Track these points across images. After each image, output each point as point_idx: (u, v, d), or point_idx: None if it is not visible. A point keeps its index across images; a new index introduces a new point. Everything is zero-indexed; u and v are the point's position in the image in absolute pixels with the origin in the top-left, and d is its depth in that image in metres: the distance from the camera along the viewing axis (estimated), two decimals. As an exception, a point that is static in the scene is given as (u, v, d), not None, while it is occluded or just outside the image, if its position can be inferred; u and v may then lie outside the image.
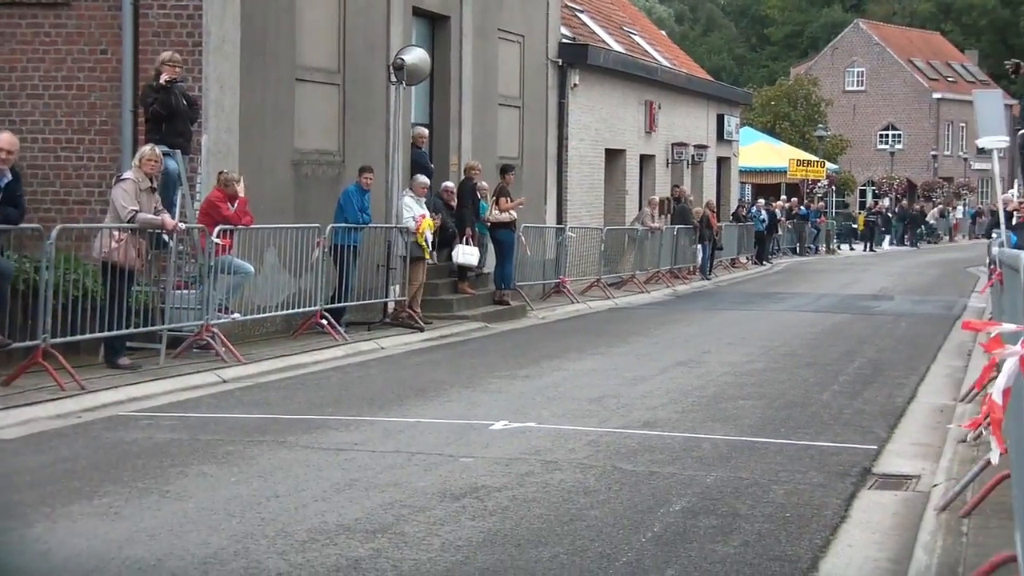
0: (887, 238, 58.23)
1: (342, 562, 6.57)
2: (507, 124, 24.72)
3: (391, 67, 19.00)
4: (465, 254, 20.63)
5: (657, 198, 30.98)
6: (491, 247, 22.06)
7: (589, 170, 28.63)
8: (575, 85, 27.43)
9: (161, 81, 14.49)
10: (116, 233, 13.14)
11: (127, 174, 13.63)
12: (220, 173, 15.29)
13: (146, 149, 13.71)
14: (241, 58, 16.39)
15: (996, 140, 11.72)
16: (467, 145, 22.76)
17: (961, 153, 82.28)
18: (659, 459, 9.52)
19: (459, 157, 22.34)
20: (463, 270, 20.94)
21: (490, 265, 22.03)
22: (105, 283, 12.96)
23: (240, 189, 15.18)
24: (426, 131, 21.22)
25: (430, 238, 18.98)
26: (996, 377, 5.42)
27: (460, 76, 22.65)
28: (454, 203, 20.78)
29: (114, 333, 13.10)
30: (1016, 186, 14.64)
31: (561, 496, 8.21)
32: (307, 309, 16.80)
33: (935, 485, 8.80)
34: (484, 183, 21.90)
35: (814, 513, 7.93)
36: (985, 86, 71.33)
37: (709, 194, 37.30)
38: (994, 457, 5.64)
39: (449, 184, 21.14)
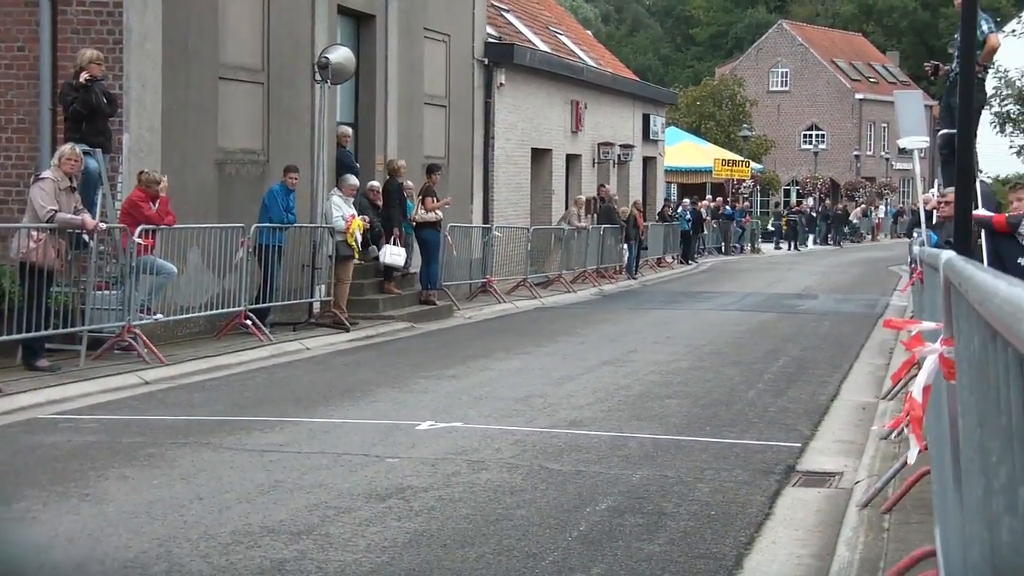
0: (811, 237, 58.93)
1: (266, 564, 6.52)
2: (433, 123, 24.68)
3: (316, 66, 18.90)
4: (392, 254, 20.58)
5: (583, 198, 31.09)
6: (417, 247, 22.01)
7: (515, 169, 28.67)
8: (501, 84, 27.44)
9: (81, 79, 14.31)
10: (35, 233, 12.96)
11: (46, 173, 13.46)
12: (141, 173, 15.11)
13: (66, 148, 13.55)
14: (163, 56, 16.22)
15: (917, 140, 11.90)
16: (393, 144, 22.69)
17: (883, 153, 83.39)
18: (585, 458, 9.55)
19: (384, 156, 22.27)
20: (389, 270, 20.87)
21: (416, 265, 21.97)
22: (23, 284, 12.77)
23: (162, 188, 15.03)
24: (350, 130, 21.13)
25: (360, 238, 18.91)
26: (916, 375, 5.49)
27: (386, 75, 22.58)
28: (380, 203, 20.71)
29: (33, 335, 12.91)
30: (936, 185, 14.86)
31: (487, 496, 8.21)
32: (231, 309, 16.66)
33: (857, 482, 8.91)
34: (410, 182, 21.85)
35: (739, 511, 7.98)
36: (906, 87, 72.33)
37: (635, 194, 37.50)
38: (911, 456, 5.72)
39: (375, 183, 21.06)
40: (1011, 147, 22.84)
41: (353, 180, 19.24)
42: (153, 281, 14.80)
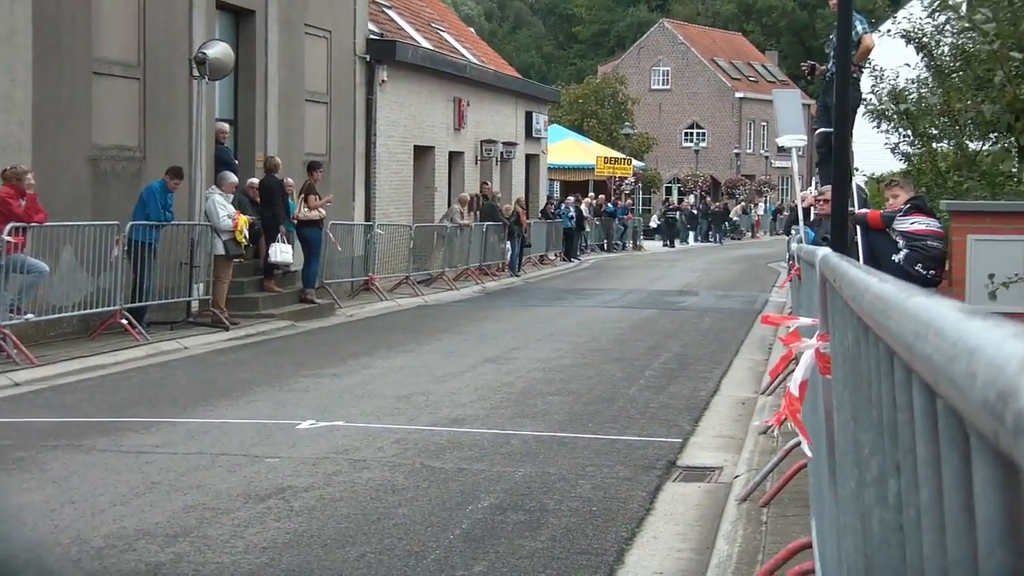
0: (692, 234, 59.70)
1: (141, 567, 6.40)
2: (314, 120, 24.48)
3: (193, 61, 18.62)
4: (281, 252, 20.40)
5: (467, 195, 31.09)
6: (298, 245, 21.82)
7: (398, 167, 28.57)
8: (383, 81, 27.32)
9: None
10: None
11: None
12: (5, 169, 14.73)
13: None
14: (33, 50, 15.85)
15: (795, 139, 12.07)
16: (273, 141, 22.46)
17: (762, 151, 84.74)
18: (468, 456, 9.55)
19: (264, 153, 22.03)
20: (270, 268, 20.66)
21: (297, 263, 21.77)
22: None
23: (27, 185, 14.62)
24: (228, 127, 20.86)
25: (248, 235, 18.72)
26: (794, 370, 5.58)
27: (266, 71, 22.33)
28: (258, 200, 20.50)
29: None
30: (814, 183, 15.13)
31: (369, 495, 8.16)
32: (106, 309, 16.35)
33: (737, 476, 9.03)
34: (291, 180, 21.64)
35: (620, 506, 8.04)
36: (784, 86, 73.50)
37: (518, 191, 37.62)
38: (805, 450, 5.79)
39: (254, 180, 20.83)
40: (885, 145, 23.32)
41: (232, 177, 19.01)
42: (24, 280, 14.45)
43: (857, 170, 13.72)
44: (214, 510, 7.66)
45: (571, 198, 44.71)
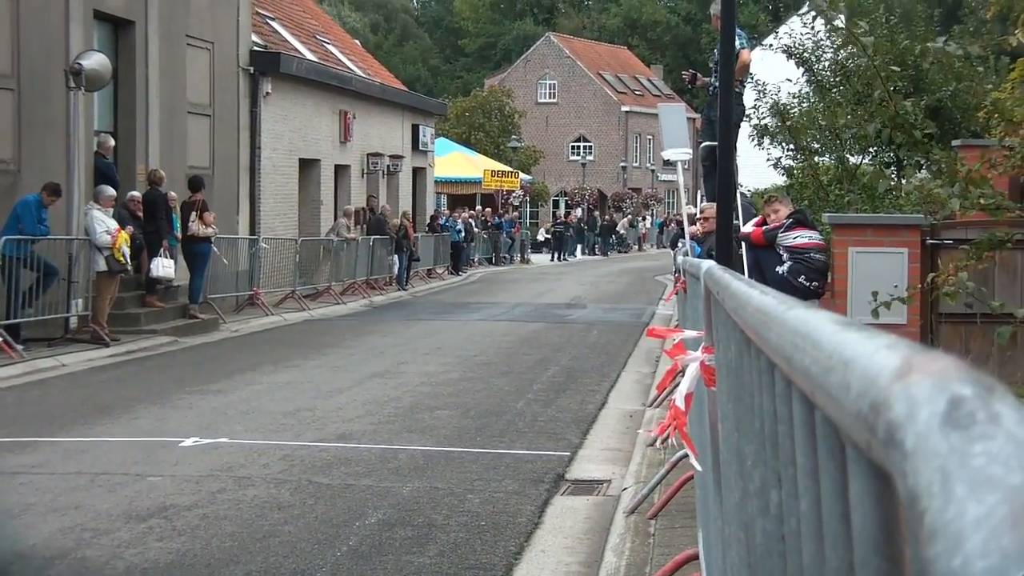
0: (579, 247, 60.14)
1: (17, 593, 6.26)
2: (197, 133, 24.19)
3: (69, 72, 18.29)
4: (163, 267, 20.13)
5: (352, 208, 30.96)
6: (181, 260, 21.53)
7: (283, 180, 28.35)
8: (267, 94, 27.11)
9: None
10: None
11: None
12: None
13: None
14: (-96, 58, 15.44)
15: (680, 152, 12.20)
16: (155, 154, 22.15)
17: (649, 165, 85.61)
18: (355, 472, 9.50)
19: (146, 166, 21.72)
20: (152, 283, 20.37)
21: (180, 278, 21.48)
22: None
23: None
24: (112, 140, 20.54)
25: (127, 252, 18.44)
26: (680, 382, 5.63)
27: (146, 82, 22.03)
28: (140, 213, 20.20)
29: None
30: (700, 197, 15.33)
31: (254, 513, 8.07)
32: (-19, 326, 15.95)
33: (625, 489, 9.10)
34: (173, 193, 21.36)
35: (509, 520, 8.06)
36: (670, 100, 74.50)
37: (405, 204, 37.55)
38: (693, 462, 5.85)
39: (135, 194, 20.52)
40: (768, 159, 23.67)
41: (109, 191, 18.70)
42: None
43: (741, 185, 13.91)
44: (93, 531, 7.51)
45: (465, 213, 44.75)
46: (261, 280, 24.81)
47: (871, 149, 21.65)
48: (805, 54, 24.07)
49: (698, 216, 12.96)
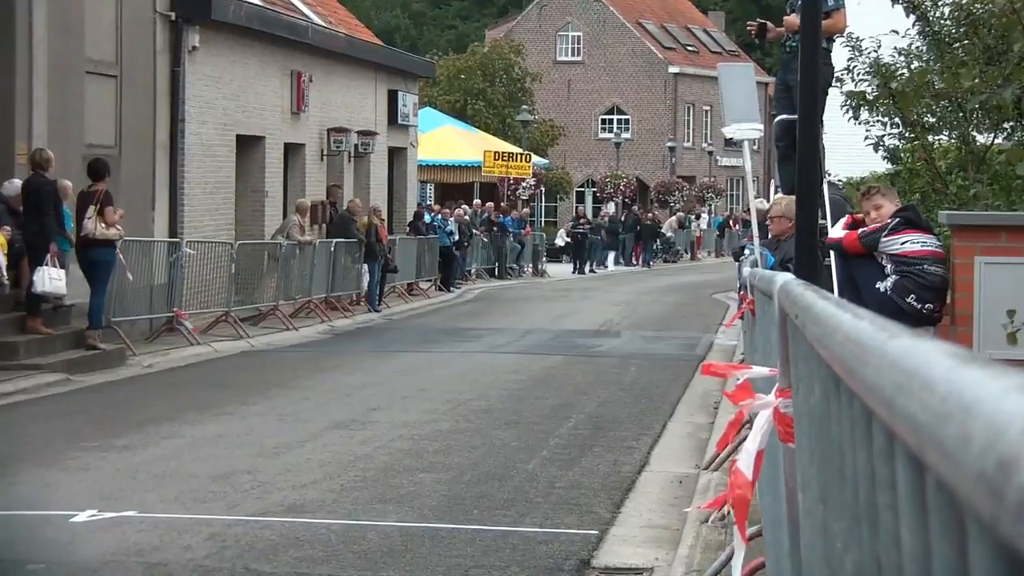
0: (611, 256, 60.18)
1: None
2: (98, 100, 24.21)
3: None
4: (51, 279, 20.01)
5: (308, 202, 31.01)
6: (77, 270, 21.55)
7: (215, 164, 28.40)
8: (195, 48, 27.15)
9: None
10: None
11: None
12: None
13: None
14: None
15: (747, 128, 12.22)
16: (41, 129, 22.16)
17: (705, 145, 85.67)
18: (308, 556, 9.49)
19: (28, 145, 21.75)
20: (35, 301, 20.34)
21: (75, 295, 21.47)
22: None
23: None
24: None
25: (2, 260, 18.49)
26: (746, 437, 5.63)
27: (30, 35, 22.07)
28: (20, 208, 20.23)
29: None
30: (773, 188, 15.36)
31: (173, 612, 8.08)
32: None
33: (672, 580, 9.09)
34: (67, 182, 21.37)
35: (516, 622, 8.06)
36: (733, 58, 74.48)
37: (379, 197, 37.62)
38: (737, 561, 5.83)
39: (15, 183, 20.55)
40: (866, 138, 23.44)
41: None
42: None
43: (830, 173, 13.93)
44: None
45: (458, 208, 44.83)
46: (184, 298, 24.83)
47: (1006, 124, 21.62)
48: (916, -2, 24.09)
49: (769, 216, 12.97)
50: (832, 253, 11.09)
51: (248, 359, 23.31)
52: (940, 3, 24.17)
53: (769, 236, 13.21)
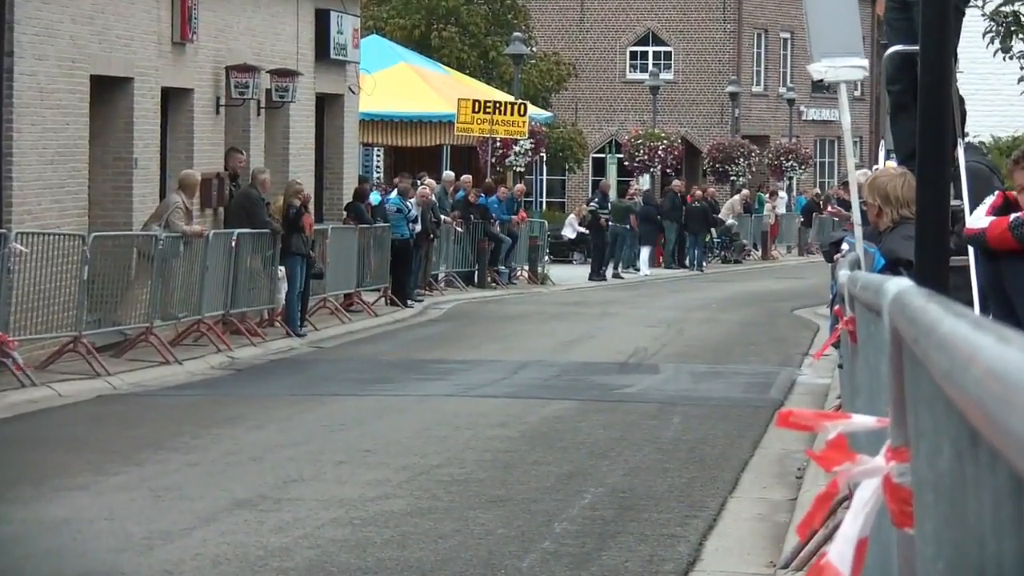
0: (644, 253, 59.90)
1: None
2: None
3: None
4: None
5: (197, 175, 30.95)
6: None
7: (59, 118, 28.35)
8: (29, -54, 27.16)
9: None
10: None
11: None
12: None
13: None
14: None
15: (845, 65, 12.21)
16: None
17: (783, 89, 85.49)
18: None
19: None
20: None
21: None
22: None
23: None
24: None
25: None
26: (841, 520, 5.63)
27: None
28: None
29: None
30: (884, 154, 15.40)
31: None
32: None
33: None
34: None
35: None
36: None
37: (302, 168, 37.54)
38: None
39: None
40: (1023, 80, 23.12)
41: None
42: None
43: (967, 134, 13.83)
44: None
45: (420, 184, 44.76)
46: (13, 317, 24.78)
47: None
48: None
49: (868, 201, 12.92)
50: (973, 247, 11.08)
51: (108, 407, 23.27)
52: None
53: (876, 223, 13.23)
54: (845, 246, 15.11)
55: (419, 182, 45.05)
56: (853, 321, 9.73)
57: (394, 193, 42.88)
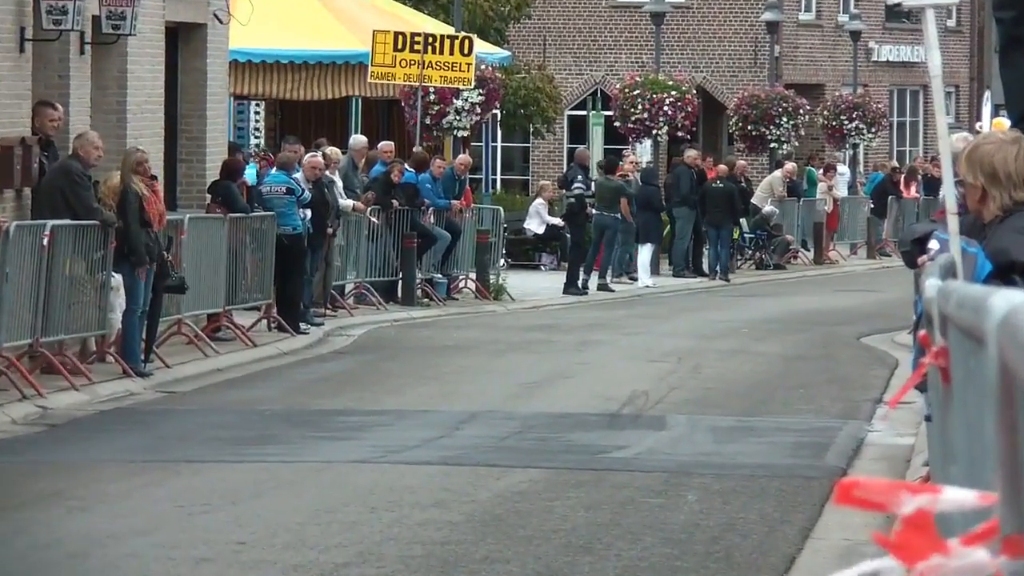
0: (645, 253, 59.95)
1: None
2: None
3: None
4: None
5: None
6: None
7: None
8: None
9: None
10: None
11: None
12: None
13: None
14: None
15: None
16: None
17: (845, 16, 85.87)
18: None
19: None
20: None
21: None
22: None
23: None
24: None
25: None
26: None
27: None
28: None
29: None
30: (990, 110, 15.51)
31: None
32: None
33: None
34: None
35: None
36: None
37: (145, 133, 37.60)
38: None
39: None
40: None
41: None
42: None
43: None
44: None
45: (318, 152, 44.75)
46: None
47: None
48: None
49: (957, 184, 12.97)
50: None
51: None
52: None
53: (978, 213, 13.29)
54: (934, 244, 15.14)
55: (317, 151, 45.03)
56: (945, 353, 9.75)
57: (275, 171, 42.81)
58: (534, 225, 61.27)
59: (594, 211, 56.12)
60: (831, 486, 21.05)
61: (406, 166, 49.43)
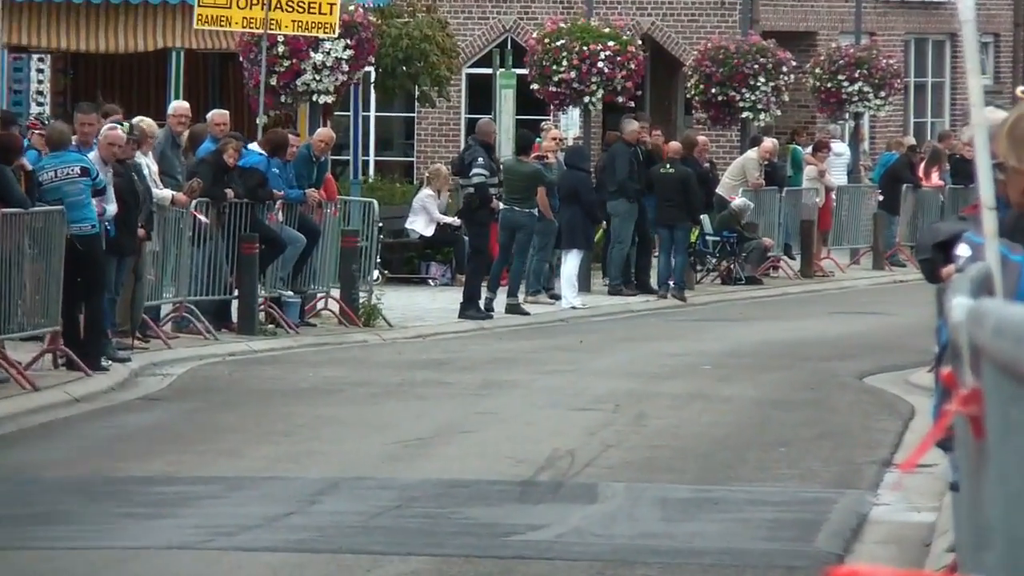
0: (570, 262, 60.33)
1: None
2: None
3: None
4: None
5: None
6: None
7: None
8: None
9: None
10: None
11: None
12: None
13: None
14: None
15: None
16: None
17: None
18: None
19: None
20: None
21: None
22: None
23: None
24: None
25: None
26: None
27: None
28: None
29: None
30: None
31: None
32: None
33: None
34: None
35: None
36: None
37: None
38: None
39: None
40: None
41: None
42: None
43: None
44: None
45: (123, 130, 44.83)
46: None
47: None
48: None
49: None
50: None
51: None
52: None
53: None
54: (964, 250, 15.19)
55: (122, 124, 45.12)
56: (978, 398, 9.71)
57: (69, 151, 42.83)
58: (420, 225, 61.62)
59: (502, 205, 56.39)
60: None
61: (248, 145, 49.52)
